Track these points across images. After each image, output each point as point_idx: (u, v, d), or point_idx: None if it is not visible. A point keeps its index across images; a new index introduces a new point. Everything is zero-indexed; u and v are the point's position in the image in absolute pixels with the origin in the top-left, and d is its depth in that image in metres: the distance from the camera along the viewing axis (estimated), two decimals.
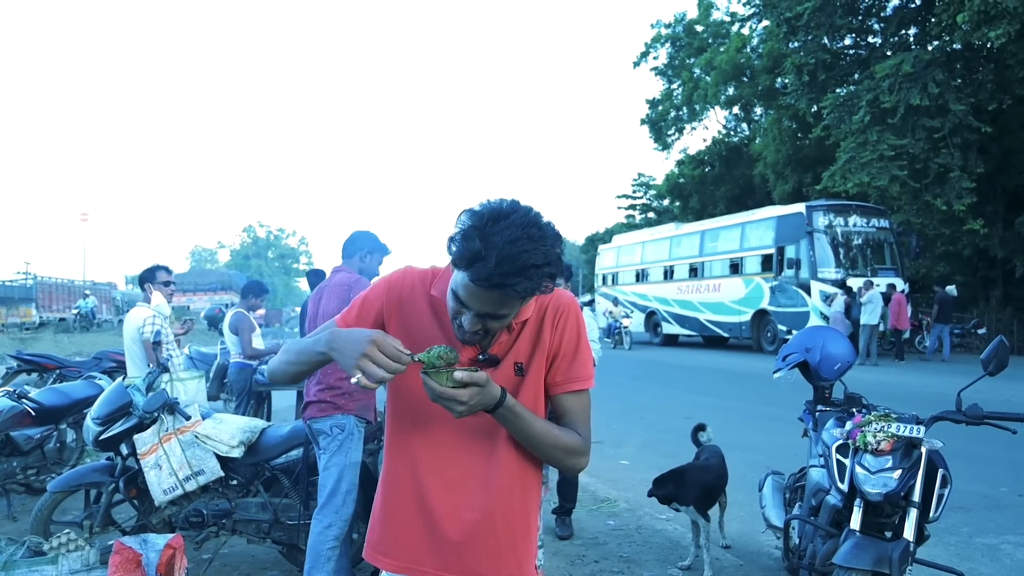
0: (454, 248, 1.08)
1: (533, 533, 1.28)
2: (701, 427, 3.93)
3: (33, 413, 4.24)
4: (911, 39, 16.29)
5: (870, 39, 17.46)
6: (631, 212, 36.10)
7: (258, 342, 5.49)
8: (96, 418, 3.14)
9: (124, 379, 3.49)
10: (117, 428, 3.11)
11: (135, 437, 3.08)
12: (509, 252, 1.02)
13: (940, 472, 2.12)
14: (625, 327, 18.36)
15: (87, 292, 25.20)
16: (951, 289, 13.79)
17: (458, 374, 1.05)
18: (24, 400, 4.25)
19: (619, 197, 36.60)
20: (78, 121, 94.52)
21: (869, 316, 12.33)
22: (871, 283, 12.81)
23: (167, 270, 4.52)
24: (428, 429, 1.21)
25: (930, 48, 14.87)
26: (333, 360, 1.11)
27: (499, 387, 1.11)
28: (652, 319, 19.30)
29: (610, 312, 19.68)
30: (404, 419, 1.24)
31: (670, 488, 3.18)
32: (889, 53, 15.62)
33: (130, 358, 4.30)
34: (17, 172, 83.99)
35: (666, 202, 32.43)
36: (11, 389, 4.49)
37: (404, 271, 1.28)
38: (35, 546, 2.52)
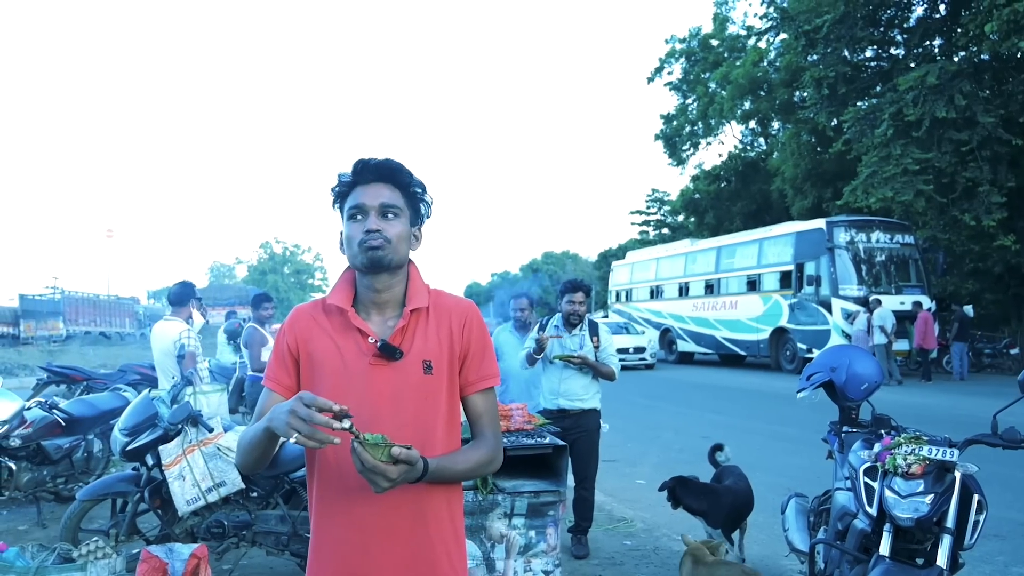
0: (339, 184, 1.29)
1: (461, 534, 1.33)
2: (719, 447, 3.87)
3: (63, 423, 4.34)
4: (936, 50, 16.00)
5: (892, 51, 17.21)
6: (645, 228, 35.89)
7: (268, 355, 5.57)
8: (123, 429, 3.21)
9: (151, 391, 3.57)
10: (143, 439, 3.18)
11: (160, 448, 3.14)
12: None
13: (975, 497, 2.05)
14: None
15: None
16: (968, 308, 13.52)
17: (395, 450, 1.07)
18: (55, 411, 4.36)
19: (633, 213, 36.44)
20: (104, 142, 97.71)
21: (878, 335, 12.11)
22: (879, 301, 12.56)
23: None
24: (350, 476, 1.18)
25: (956, 59, 14.57)
26: (279, 435, 1.12)
27: (423, 462, 1.13)
28: (667, 336, 19.08)
29: None
30: (330, 477, 1.25)
31: (703, 505, 3.13)
32: (913, 65, 15.35)
33: (161, 371, 4.38)
34: (46, 191, 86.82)
35: (681, 218, 32.21)
36: (42, 400, 4.62)
37: (295, 310, 1.36)
38: (65, 553, 2.57)
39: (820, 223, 14.64)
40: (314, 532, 1.28)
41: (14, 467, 4.15)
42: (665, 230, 34.09)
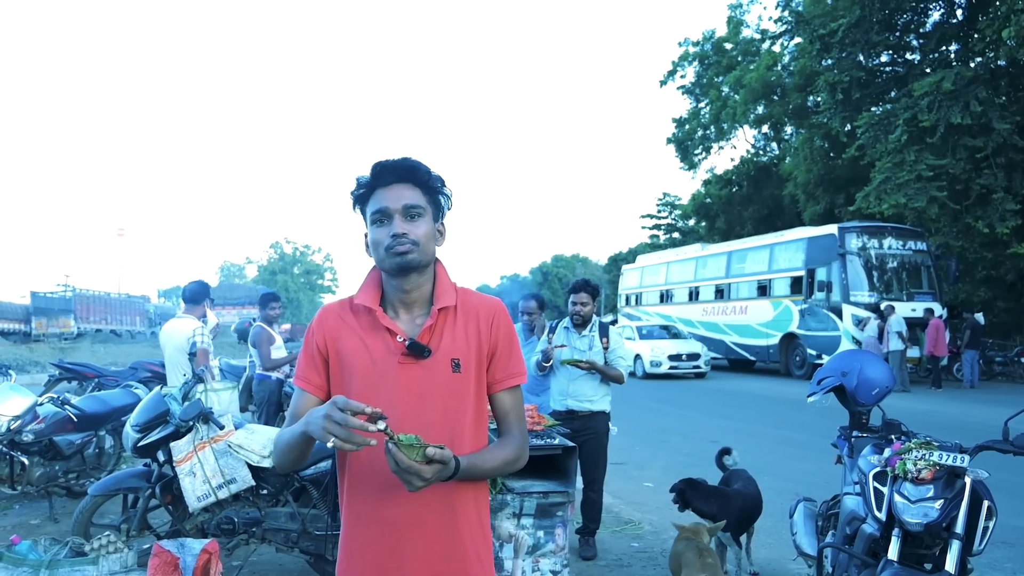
0: (358, 187, 1.28)
1: (488, 531, 1.33)
2: (726, 451, 3.87)
3: (75, 419, 4.40)
4: (952, 56, 15.87)
5: (908, 56, 17.08)
6: (655, 232, 35.72)
7: (278, 352, 5.57)
8: (135, 425, 3.24)
9: (162, 388, 3.60)
10: (155, 435, 3.21)
11: (171, 445, 3.17)
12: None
13: (985, 503, 2.04)
14: None
15: None
16: (979, 316, 13.43)
17: (430, 450, 1.08)
18: (67, 407, 4.42)
19: (643, 217, 36.34)
20: (116, 141, 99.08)
21: (895, 341, 12.02)
22: (892, 307, 12.49)
23: None
24: (381, 475, 1.20)
25: (972, 65, 14.45)
26: (315, 439, 1.13)
27: (455, 460, 1.13)
28: None
29: None
30: (362, 476, 1.25)
31: (713, 508, 3.14)
32: (928, 70, 15.24)
33: (173, 367, 4.42)
34: (58, 190, 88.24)
35: (692, 222, 32.07)
36: (55, 396, 4.68)
37: (322, 309, 1.36)
38: (77, 547, 2.60)
39: (832, 229, 14.55)
40: (345, 530, 1.28)
41: (27, 462, 4.20)
42: (676, 234, 33.94)
